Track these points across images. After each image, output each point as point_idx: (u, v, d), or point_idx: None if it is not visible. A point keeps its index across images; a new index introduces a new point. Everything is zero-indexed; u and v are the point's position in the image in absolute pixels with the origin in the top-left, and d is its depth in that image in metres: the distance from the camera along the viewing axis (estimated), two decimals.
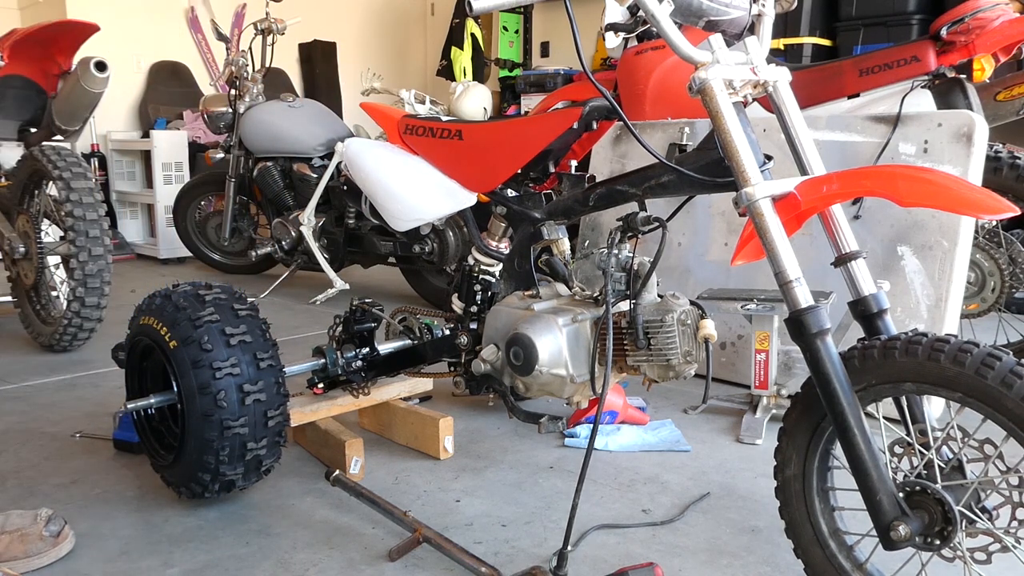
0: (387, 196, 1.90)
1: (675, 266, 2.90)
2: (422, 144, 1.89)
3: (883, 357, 1.23)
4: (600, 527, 1.72)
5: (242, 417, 1.65)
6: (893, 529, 1.19)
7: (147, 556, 1.61)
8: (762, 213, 1.26)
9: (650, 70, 3.36)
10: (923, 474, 1.23)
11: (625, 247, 1.57)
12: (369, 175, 1.92)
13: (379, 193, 1.91)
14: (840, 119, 2.60)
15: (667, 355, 1.49)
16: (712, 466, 2.06)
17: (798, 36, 4.70)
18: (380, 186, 1.90)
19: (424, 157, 1.90)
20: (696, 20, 1.33)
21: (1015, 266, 2.72)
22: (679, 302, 1.51)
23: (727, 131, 1.28)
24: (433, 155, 1.88)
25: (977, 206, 1.16)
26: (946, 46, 2.70)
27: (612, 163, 3.17)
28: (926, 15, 4.39)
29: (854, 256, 1.35)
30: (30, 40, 3.27)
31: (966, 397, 1.15)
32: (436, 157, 1.88)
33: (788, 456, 1.39)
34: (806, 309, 1.23)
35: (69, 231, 2.89)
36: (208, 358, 1.64)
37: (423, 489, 1.93)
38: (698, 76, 1.28)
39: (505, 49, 6.83)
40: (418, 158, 1.91)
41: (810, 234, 2.55)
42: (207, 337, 1.66)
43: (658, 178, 1.50)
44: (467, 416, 2.43)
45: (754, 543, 1.67)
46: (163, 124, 5.91)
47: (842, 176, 1.26)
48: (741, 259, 1.34)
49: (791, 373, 2.37)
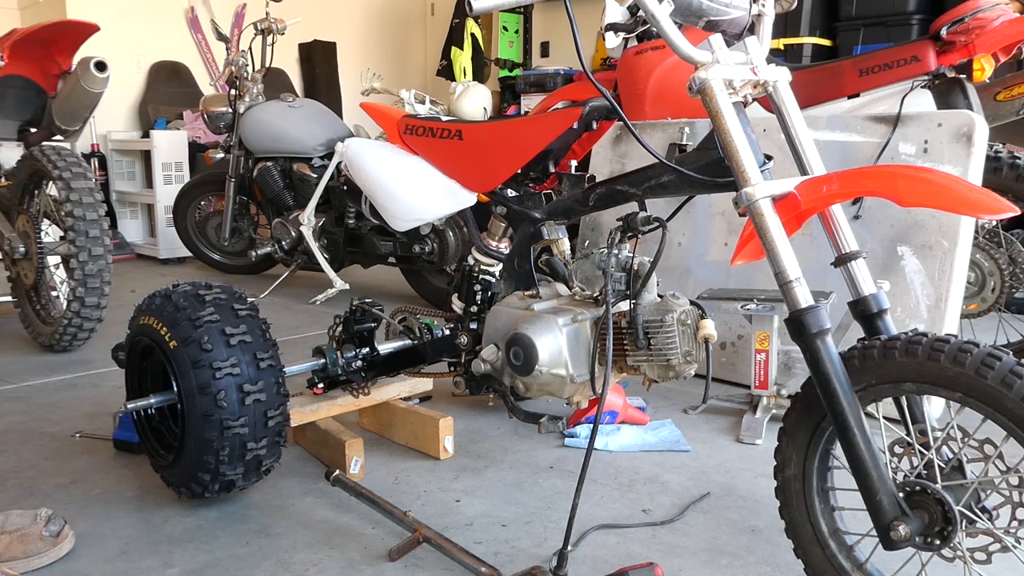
0: (387, 196, 1.90)
1: (675, 266, 2.90)
2: (422, 144, 1.90)
3: (883, 357, 1.22)
4: (600, 527, 1.72)
5: (242, 417, 1.65)
6: (893, 529, 1.19)
7: (147, 556, 1.61)
8: (762, 213, 1.26)
9: (650, 70, 3.36)
10: (923, 474, 1.23)
11: (625, 247, 1.57)
12: (369, 175, 1.92)
13: (379, 193, 1.91)
14: (840, 119, 2.60)
15: (667, 355, 1.49)
16: (712, 466, 2.06)
17: (798, 36, 4.70)
18: (380, 186, 1.90)
19: (424, 157, 1.90)
20: (696, 20, 1.33)
21: (1015, 266, 2.72)
22: (679, 302, 1.51)
23: (727, 131, 1.28)
24: (433, 155, 1.88)
25: (977, 206, 1.16)
26: (946, 46, 2.70)
27: (612, 163, 3.17)
28: (926, 15, 4.39)
29: (854, 256, 1.35)
30: (30, 40, 3.27)
31: (966, 397, 1.15)
32: (436, 157, 1.88)
33: (788, 456, 1.39)
34: (806, 309, 1.23)
35: (69, 231, 2.89)
36: (208, 358, 1.64)
37: (423, 489, 1.93)
38: (698, 76, 1.28)
39: (505, 49, 6.84)
40: (418, 158, 1.91)
41: (810, 234, 2.55)
42: (207, 337, 1.66)
43: (658, 178, 1.50)
44: (467, 416, 2.43)
45: (754, 543, 1.67)
46: (163, 124, 5.91)
47: (842, 176, 1.26)
48: (741, 259, 1.34)
49: (791, 373, 2.37)
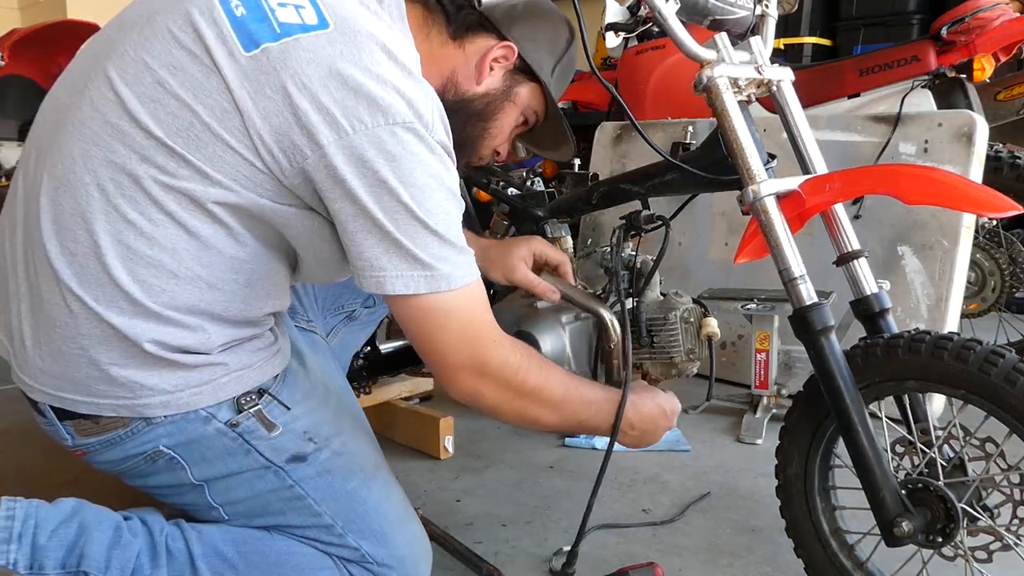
0: None
1: (676, 266, 2.91)
2: None
3: (886, 354, 1.23)
4: (600, 527, 1.71)
5: None
6: (896, 525, 1.19)
7: None
8: (767, 211, 1.26)
9: (651, 69, 3.37)
10: (925, 472, 1.23)
11: (628, 245, 1.57)
12: None
13: None
14: (840, 119, 2.60)
15: (670, 353, 1.49)
16: (712, 466, 2.06)
17: (798, 36, 4.71)
18: None
19: None
20: (701, 19, 1.33)
21: (1015, 266, 2.73)
22: (682, 300, 1.52)
23: (733, 129, 1.28)
24: None
25: (981, 204, 1.16)
26: (946, 46, 2.70)
27: (613, 163, 3.17)
28: (926, 15, 4.40)
29: (856, 255, 1.35)
30: (30, 40, 3.27)
31: (969, 394, 1.16)
32: None
33: (790, 455, 1.39)
34: (810, 306, 1.23)
35: None
36: None
37: (423, 489, 1.93)
38: (704, 74, 1.28)
39: None
40: None
41: (811, 234, 2.55)
42: None
43: (662, 176, 1.50)
44: (467, 416, 2.42)
45: (754, 543, 1.67)
46: None
47: (846, 175, 1.26)
48: (744, 257, 1.34)
49: (791, 373, 2.37)
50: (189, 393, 1.11)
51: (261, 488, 1.20)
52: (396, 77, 1.05)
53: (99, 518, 1.15)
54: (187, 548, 1.18)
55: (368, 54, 1.04)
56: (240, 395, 1.14)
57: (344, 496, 1.23)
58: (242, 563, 1.20)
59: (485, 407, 1.21)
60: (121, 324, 1.06)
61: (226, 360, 1.13)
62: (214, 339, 1.11)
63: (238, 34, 1.03)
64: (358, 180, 1.03)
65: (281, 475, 1.19)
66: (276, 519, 1.22)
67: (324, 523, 1.22)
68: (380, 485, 1.28)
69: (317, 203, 1.08)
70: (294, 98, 1.01)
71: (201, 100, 1.02)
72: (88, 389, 1.09)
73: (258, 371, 1.17)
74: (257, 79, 1.02)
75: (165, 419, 1.11)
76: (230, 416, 1.14)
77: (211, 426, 1.13)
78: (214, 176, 1.04)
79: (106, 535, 1.13)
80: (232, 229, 1.08)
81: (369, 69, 1.03)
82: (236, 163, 1.04)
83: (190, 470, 1.16)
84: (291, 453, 1.19)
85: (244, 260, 1.11)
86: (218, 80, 1.02)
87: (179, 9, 1.06)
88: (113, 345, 1.07)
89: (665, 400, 1.43)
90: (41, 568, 1.08)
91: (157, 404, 1.10)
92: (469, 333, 1.14)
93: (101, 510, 1.17)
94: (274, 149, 1.03)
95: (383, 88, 1.03)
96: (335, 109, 1.01)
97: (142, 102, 1.03)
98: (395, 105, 1.03)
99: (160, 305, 1.06)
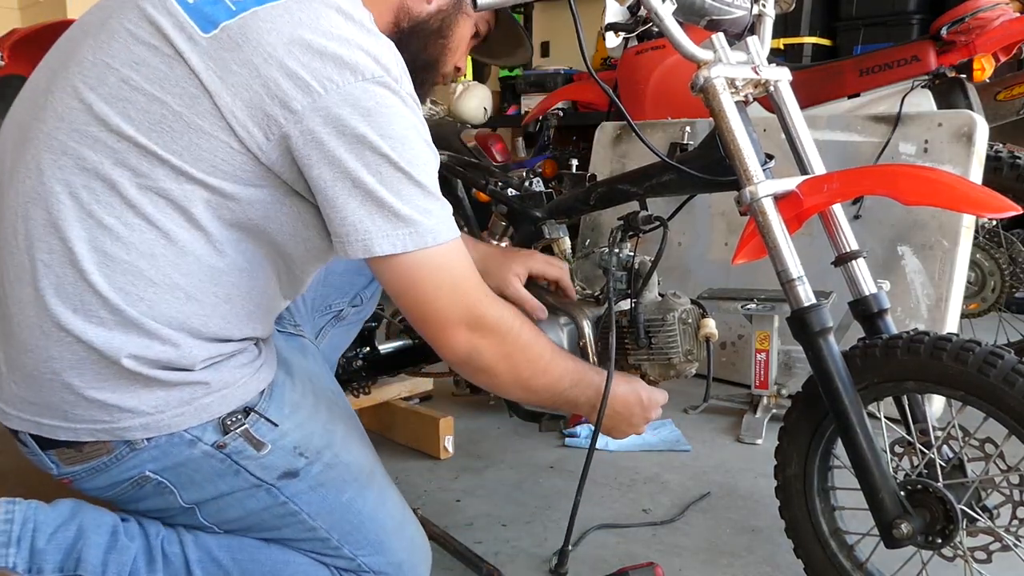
0: None
1: (675, 266, 2.90)
2: None
3: (885, 355, 1.22)
4: (600, 527, 1.71)
5: None
6: (895, 527, 1.19)
7: None
8: (765, 211, 1.26)
9: (650, 70, 3.36)
10: (924, 473, 1.23)
11: (626, 246, 1.57)
12: None
13: None
14: (840, 119, 2.60)
15: (668, 354, 1.49)
16: (712, 466, 2.06)
17: (798, 36, 4.69)
18: None
19: None
20: (698, 19, 1.33)
21: (1015, 266, 2.72)
22: (680, 301, 1.52)
23: (730, 130, 1.28)
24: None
25: (980, 204, 1.16)
26: (946, 46, 2.70)
27: (612, 163, 3.17)
28: (926, 15, 4.38)
29: (855, 256, 1.35)
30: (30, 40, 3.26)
31: (968, 395, 1.15)
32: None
33: (789, 455, 1.39)
34: (809, 307, 1.23)
35: None
36: None
37: (423, 489, 1.93)
38: (701, 75, 1.28)
39: None
40: None
41: (810, 234, 2.54)
42: None
43: (659, 177, 1.49)
44: (467, 416, 2.42)
45: (754, 543, 1.67)
46: None
47: (844, 175, 1.26)
48: (742, 258, 1.34)
49: (791, 373, 2.37)
50: (171, 415, 1.08)
51: (254, 507, 1.17)
52: (357, 35, 1.05)
53: (97, 520, 1.14)
54: (183, 553, 1.17)
55: (326, 18, 1.04)
56: (225, 415, 1.11)
57: (339, 509, 1.21)
58: (236, 570, 1.19)
59: (481, 366, 1.18)
60: (98, 339, 1.03)
61: (207, 379, 1.10)
62: (195, 353, 1.08)
63: (194, 18, 1.03)
64: (337, 140, 1.02)
65: (273, 492, 1.17)
66: (271, 534, 1.21)
67: (319, 536, 1.21)
68: (375, 493, 1.27)
69: (297, 178, 1.06)
70: (261, 69, 1.01)
71: (168, 90, 1.02)
72: (64, 414, 1.07)
73: (242, 389, 1.13)
74: (221, 57, 1.01)
75: (149, 443, 1.08)
76: (216, 438, 1.11)
77: (197, 449, 1.10)
78: (190, 172, 1.02)
79: (103, 539, 1.12)
80: (210, 235, 1.06)
81: (330, 32, 1.03)
82: (212, 148, 1.02)
83: (179, 494, 1.14)
84: (282, 470, 1.16)
85: (223, 271, 1.09)
86: (182, 67, 1.02)
87: (131, 7, 1.06)
88: (86, 368, 1.04)
89: (643, 387, 1.42)
90: (40, 571, 1.07)
91: (138, 427, 1.07)
92: (463, 287, 1.13)
93: (99, 511, 1.16)
94: (248, 124, 1.02)
95: (347, 47, 1.03)
96: (304, 73, 1.01)
97: (109, 103, 1.03)
98: (361, 62, 1.03)
99: (138, 313, 1.03)
